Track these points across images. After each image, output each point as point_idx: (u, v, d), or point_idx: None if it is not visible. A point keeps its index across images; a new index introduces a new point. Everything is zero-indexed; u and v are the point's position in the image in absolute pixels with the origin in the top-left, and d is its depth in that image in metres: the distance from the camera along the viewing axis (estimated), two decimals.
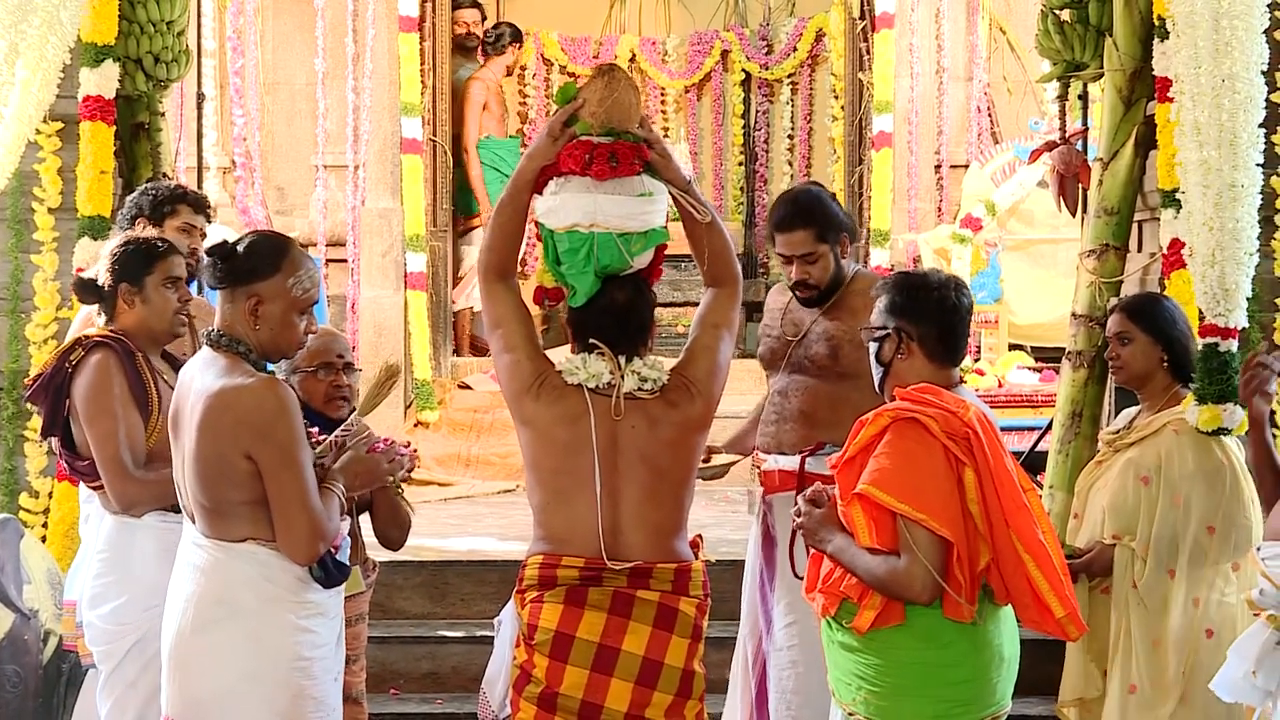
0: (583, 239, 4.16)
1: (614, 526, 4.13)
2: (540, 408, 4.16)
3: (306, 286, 4.09)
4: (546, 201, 4.22)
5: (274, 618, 3.98)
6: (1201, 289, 5.36)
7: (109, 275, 4.73)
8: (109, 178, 6.56)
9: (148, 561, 4.58)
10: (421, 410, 10.61)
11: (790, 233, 5.03)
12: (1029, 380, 9.19)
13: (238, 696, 3.96)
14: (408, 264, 10.62)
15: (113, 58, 6.60)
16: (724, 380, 4.30)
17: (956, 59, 10.97)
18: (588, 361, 4.18)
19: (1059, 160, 7.00)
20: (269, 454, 3.92)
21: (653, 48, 14.13)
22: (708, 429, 4.30)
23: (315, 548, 3.97)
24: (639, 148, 4.18)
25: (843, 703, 4.04)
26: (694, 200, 4.26)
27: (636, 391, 4.16)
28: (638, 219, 4.18)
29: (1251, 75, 5.30)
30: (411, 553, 5.92)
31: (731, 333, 4.33)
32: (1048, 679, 5.50)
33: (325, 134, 10.60)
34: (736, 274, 4.37)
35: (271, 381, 3.98)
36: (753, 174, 14.11)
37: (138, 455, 4.62)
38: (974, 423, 3.92)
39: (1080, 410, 6.50)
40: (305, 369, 4.90)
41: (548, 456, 4.19)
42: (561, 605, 4.10)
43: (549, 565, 4.14)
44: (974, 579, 3.90)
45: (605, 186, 4.15)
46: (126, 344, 4.69)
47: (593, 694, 4.06)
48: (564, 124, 4.20)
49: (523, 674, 4.13)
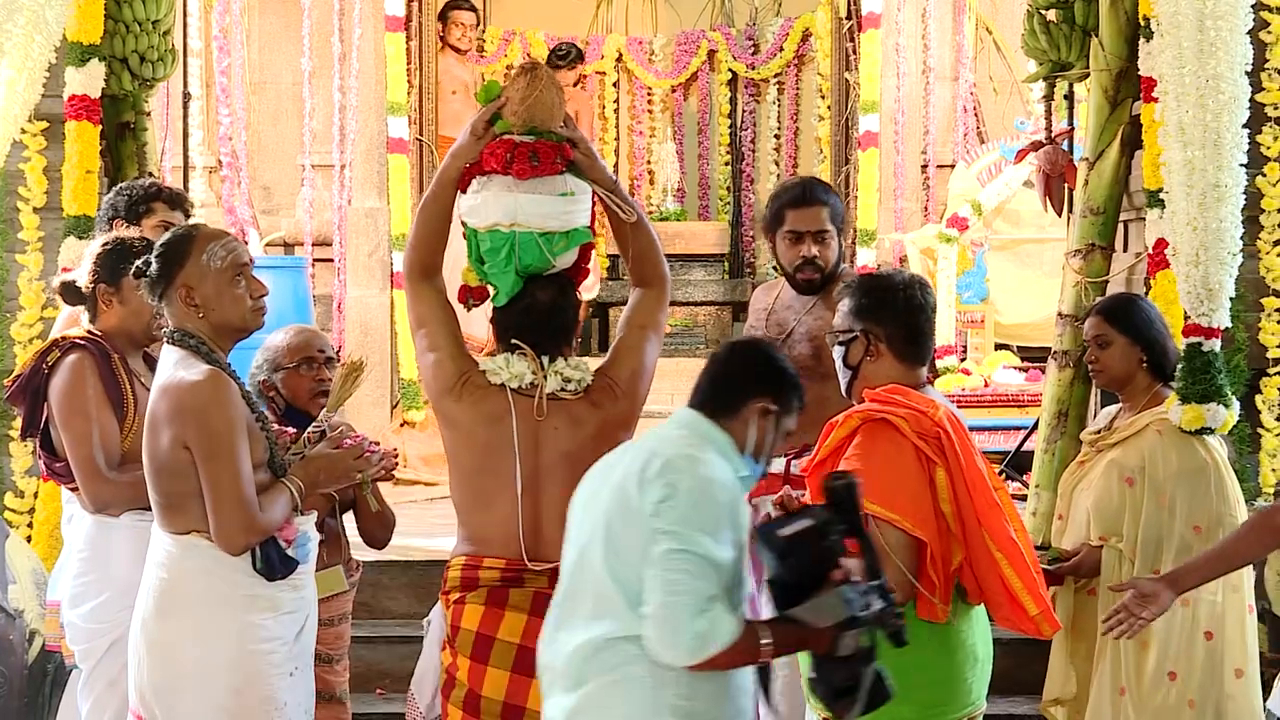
0: (504, 238, 4.15)
1: (535, 527, 4.11)
2: (463, 408, 4.15)
3: (223, 255, 4.14)
4: (469, 200, 4.22)
5: (218, 610, 4.03)
6: (1185, 289, 5.37)
7: (88, 276, 4.75)
8: (94, 177, 6.55)
9: (125, 561, 4.59)
10: (407, 410, 10.59)
11: (808, 207, 5.09)
12: (1015, 380, 9.21)
13: (182, 689, 4.03)
14: (394, 264, 10.59)
15: (98, 57, 6.59)
16: (649, 381, 4.29)
17: (943, 59, 10.98)
18: (510, 361, 4.17)
19: (1045, 160, 7.01)
20: (200, 443, 3.98)
21: (639, 47, 14.14)
22: (632, 430, 4.26)
23: (244, 539, 4.01)
24: (561, 147, 4.17)
25: (817, 705, 4.04)
26: (620, 200, 4.25)
27: (559, 392, 4.15)
28: (559, 218, 4.17)
29: (1236, 76, 5.31)
30: (398, 552, 5.92)
31: (658, 334, 4.32)
32: (1035, 678, 5.50)
33: (311, 133, 10.58)
34: (664, 274, 4.35)
35: (212, 373, 4.03)
36: (739, 174, 14.12)
37: (111, 456, 4.63)
38: (944, 422, 3.92)
39: (1066, 410, 6.51)
40: (287, 365, 4.92)
41: (469, 456, 4.17)
42: (482, 607, 4.08)
43: (471, 566, 4.13)
44: (947, 579, 3.90)
45: (526, 185, 4.14)
46: (103, 346, 4.71)
47: (514, 696, 4.03)
48: (487, 122, 4.19)
49: (449, 678, 4.12)
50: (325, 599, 4.70)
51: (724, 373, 3.68)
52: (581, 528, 3.57)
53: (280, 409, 4.96)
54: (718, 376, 3.68)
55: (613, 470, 3.56)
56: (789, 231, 5.12)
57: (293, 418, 4.88)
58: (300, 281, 9.63)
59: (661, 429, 3.65)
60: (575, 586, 3.55)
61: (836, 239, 5.12)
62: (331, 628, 4.90)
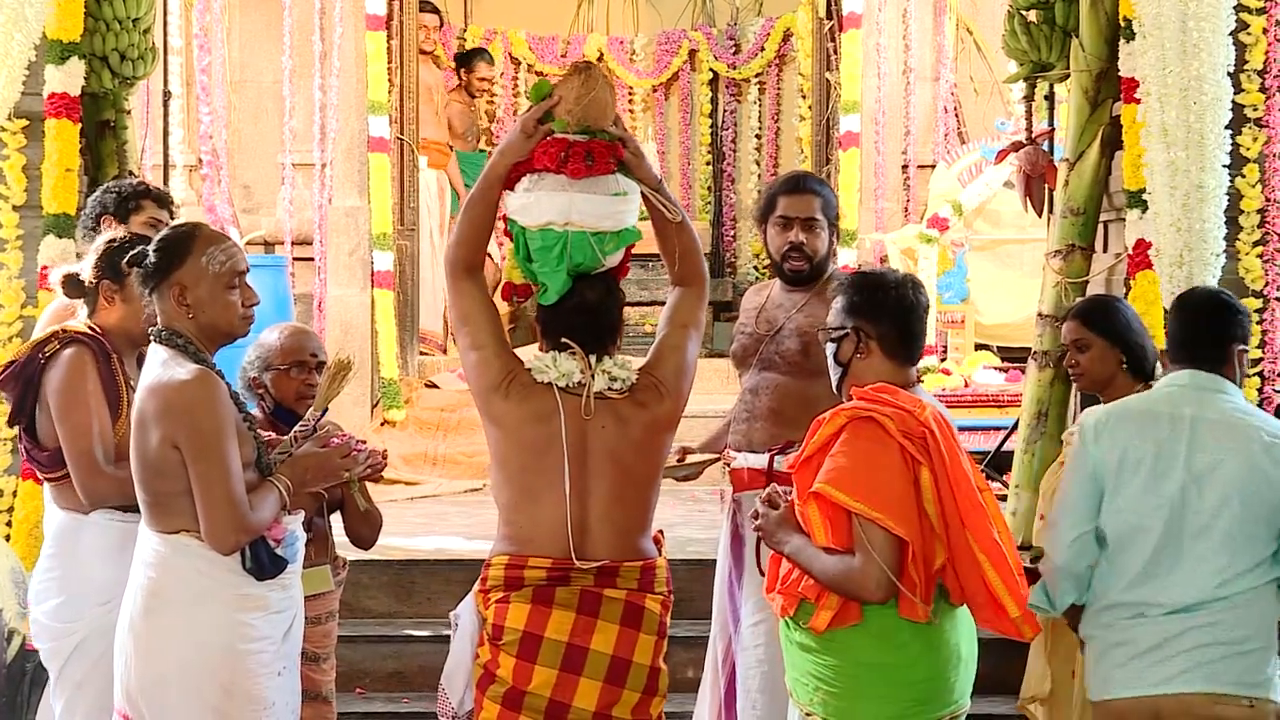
0: (556, 237, 4.15)
1: (582, 526, 4.12)
2: (509, 406, 4.14)
3: (222, 260, 4.14)
4: (519, 198, 4.19)
5: (207, 609, 4.03)
6: (1169, 290, 5.38)
7: (93, 271, 4.73)
8: (74, 175, 6.51)
9: (93, 559, 4.59)
10: (388, 409, 10.58)
11: (800, 195, 5.12)
12: (995, 380, 9.22)
13: (170, 687, 4.01)
14: (375, 263, 10.59)
15: (78, 55, 6.55)
16: (692, 379, 4.29)
17: (923, 59, 11.00)
18: (558, 360, 4.17)
19: (1025, 161, 7.02)
20: (190, 442, 3.97)
21: (620, 47, 14.14)
22: (675, 428, 4.30)
23: (235, 538, 4.00)
24: (614, 146, 4.17)
25: (800, 703, 4.05)
26: (665, 199, 4.26)
27: (606, 391, 4.15)
28: (612, 218, 4.17)
29: (1218, 77, 5.33)
30: (378, 552, 5.90)
31: (699, 332, 4.33)
32: (1013, 678, 5.51)
33: (292, 132, 10.56)
34: (704, 273, 4.37)
35: (200, 372, 4.02)
36: (720, 173, 14.12)
37: (109, 451, 4.61)
38: (930, 422, 3.92)
39: (1046, 410, 6.52)
40: (278, 367, 4.91)
41: (516, 455, 4.17)
42: (529, 605, 4.09)
43: (515, 566, 4.13)
44: (929, 578, 3.90)
45: (580, 185, 4.13)
46: (103, 343, 4.69)
47: (561, 693, 4.05)
48: (538, 121, 4.17)
49: (486, 673, 4.11)
50: (312, 597, 4.69)
51: (1206, 327, 4.29)
52: (1190, 495, 4.16)
53: (269, 407, 4.96)
54: (1200, 333, 4.29)
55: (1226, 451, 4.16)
56: (779, 217, 5.13)
57: (281, 416, 4.88)
58: (280, 280, 9.61)
59: (1222, 403, 4.22)
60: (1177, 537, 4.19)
61: (827, 232, 5.12)
62: (318, 626, 4.90)
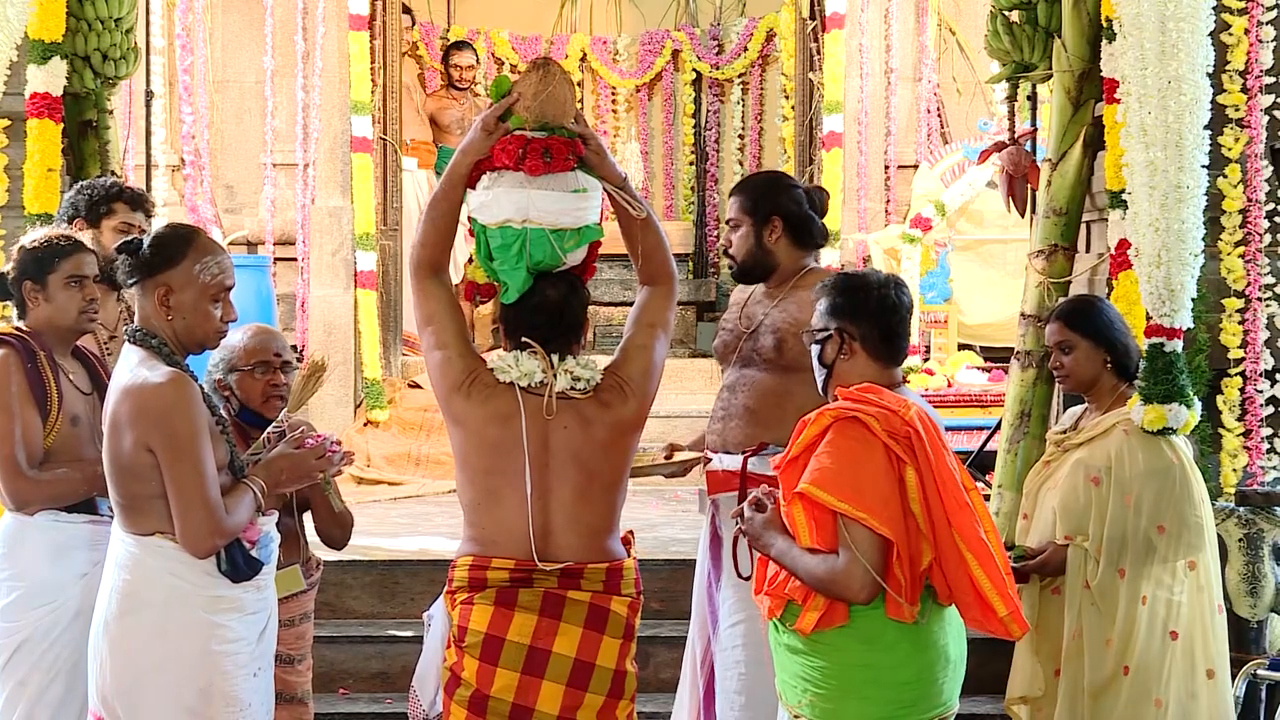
0: (515, 235, 4.13)
1: (545, 527, 4.10)
2: (471, 406, 4.12)
3: (215, 272, 4.12)
4: (479, 196, 4.18)
5: (181, 611, 4.02)
6: (1148, 289, 5.39)
7: (14, 273, 4.74)
8: (56, 175, 6.51)
9: (38, 560, 4.59)
10: (371, 409, 10.58)
11: (730, 197, 5.14)
12: (978, 380, 9.23)
13: (145, 689, 4.01)
14: (358, 263, 10.59)
15: (61, 55, 6.55)
16: (658, 379, 4.26)
17: (906, 59, 11.01)
18: (520, 360, 4.14)
19: (1008, 161, 7.04)
20: (165, 445, 3.95)
21: (604, 47, 14.14)
22: (641, 429, 4.26)
23: (210, 541, 4.00)
24: (573, 143, 4.15)
25: (788, 705, 4.03)
26: (629, 196, 4.23)
27: (569, 391, 4.12)
28: (571, 215, 4.15)
29: (1197, 77, 5.33)
30: (361, 552, 5.92)
31: (667, 332, 4.30)
32: (998, 677, 5.51)
33: (274, 132, 10.56)
34: (672, 272, 4.34)
35: (175, 375, 4.01)
36: (703, 173, 14.13)
37: (33, 454, 4.60)
38: (915, 421, 3.92)
39: (1029, 410, 6.53)
40: (242, 368, 4.86)
41: (478, 456, 4.15)
42: (491, 607, 4.06)
43: (478, 567, 4.11)
44: (916, 579, 3.90)
45: (538, 182, 4.11)
46: (29, 342, 4.68)
47: (523, 697, 4.02)
48: (498, 118, 4.16)
49: (453, 676, 4.09)
50: (284, 599, 4.66)
51: None
52: None
53: (235, 409, 4.92)
54: None
55: None
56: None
57: (246, 418, 4.84)
58: (263, 280, 9.61)
59: None
60: None
61: (753, 229, 5.04)
62: (292, 628, 4.87)
